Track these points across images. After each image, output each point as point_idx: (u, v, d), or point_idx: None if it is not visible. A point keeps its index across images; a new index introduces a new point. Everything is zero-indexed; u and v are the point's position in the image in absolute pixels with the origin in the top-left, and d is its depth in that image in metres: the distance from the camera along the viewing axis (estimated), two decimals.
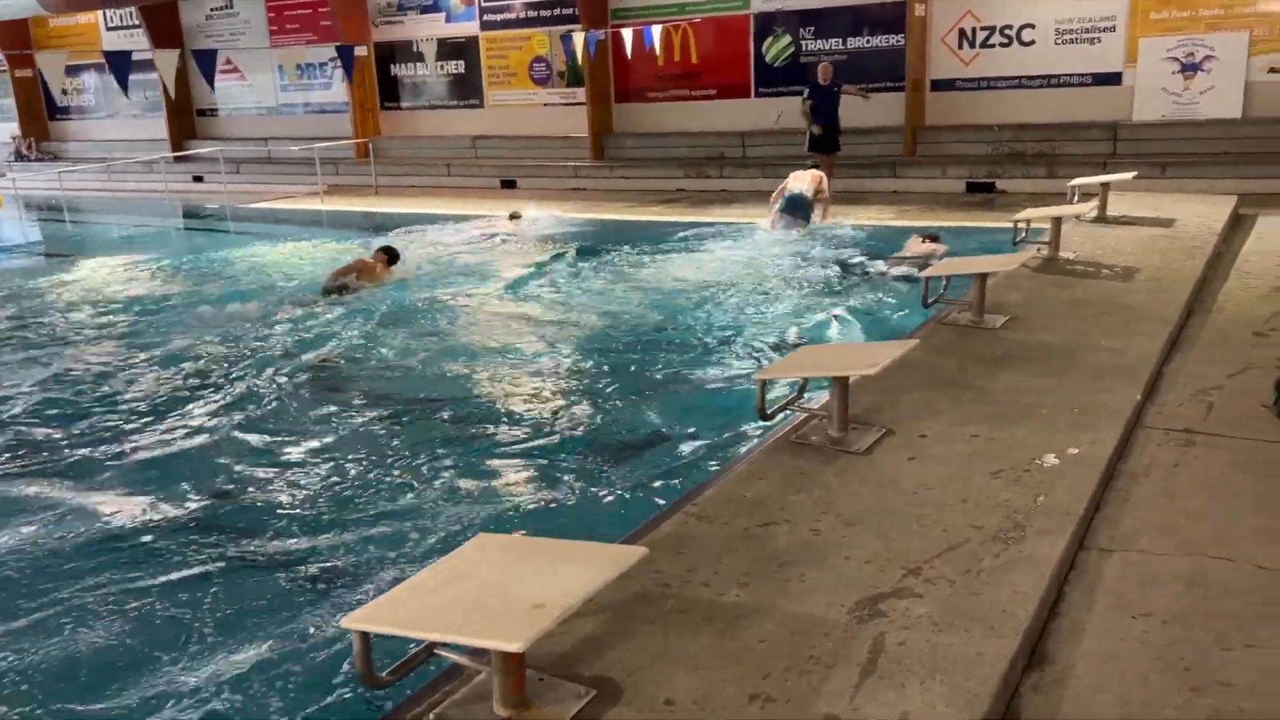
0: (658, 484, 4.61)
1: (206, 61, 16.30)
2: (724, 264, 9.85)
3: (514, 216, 12.70)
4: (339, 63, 18.36)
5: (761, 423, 4.39)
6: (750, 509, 3.55)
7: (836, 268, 9.38)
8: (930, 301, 5.96)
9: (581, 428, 5.65)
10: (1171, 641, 2.83)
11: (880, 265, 9.16)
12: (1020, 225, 7.81)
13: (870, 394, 4.57)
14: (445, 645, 2.44)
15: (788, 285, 8.78)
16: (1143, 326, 5.64)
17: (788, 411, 4.33)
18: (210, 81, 16.97)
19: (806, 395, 4.36)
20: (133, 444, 5.80)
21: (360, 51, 18.16)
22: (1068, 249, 7.65)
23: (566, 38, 15.08)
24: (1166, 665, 2.73)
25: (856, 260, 9.69)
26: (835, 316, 7.65)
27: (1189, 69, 12.43)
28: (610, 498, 4.58)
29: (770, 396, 4.26)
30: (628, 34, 14.46)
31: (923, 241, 9.51)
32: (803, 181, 10.78)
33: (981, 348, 5.39)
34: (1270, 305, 6.28)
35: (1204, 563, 3.22)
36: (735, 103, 15.67)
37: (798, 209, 10.64)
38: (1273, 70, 12.00)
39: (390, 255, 9.93)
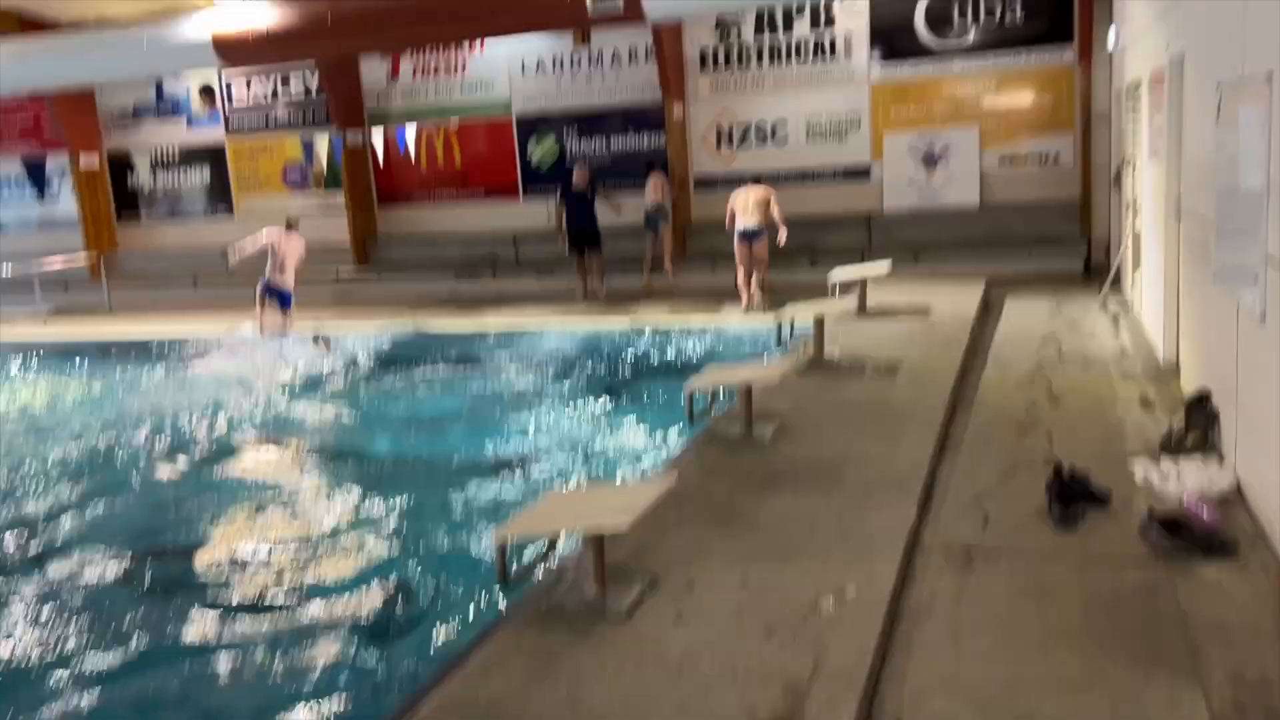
0: (379, 682, 3.84)
1: None
2: (491, 377, 9.25)
3: (318, 340, 11.58)
4: (66, 173, 16.83)
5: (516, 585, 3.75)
6: (485, 717, 2.88)
7: (612, 377, 8.99)
8: (697, 416, 5.57)
9: (303, 603, 4.76)
10: None
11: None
12: (784, 323, 7.65)
13: (634, 532, 4.04)
14: None
15: (558, 398, 8.27)
16: (909, 429, 5.44)
17: (544, 565, 3.74)
18: None
19: (557, 550, 3.78)
20: None
21: (89, 161, 16.64)
22: (832, 345, 7.54)
23: (309, 143, 14.38)
24: None
25: (635, 364, 9.35)
26: (608, 434, 7.17)
27: (930, 161, 13.10)
28: (316, 710, 3.77)
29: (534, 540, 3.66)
30: (378, 137, 13.85)
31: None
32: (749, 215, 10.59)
33: (751, 465, 5.01)
34: (1027, 394, 6.29)
35: None
36: (504, 204, 15.30)
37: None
38: (1003, 161, 12.81)
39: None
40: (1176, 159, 6.46)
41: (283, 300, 12.19)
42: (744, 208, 10.64)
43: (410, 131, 13.91)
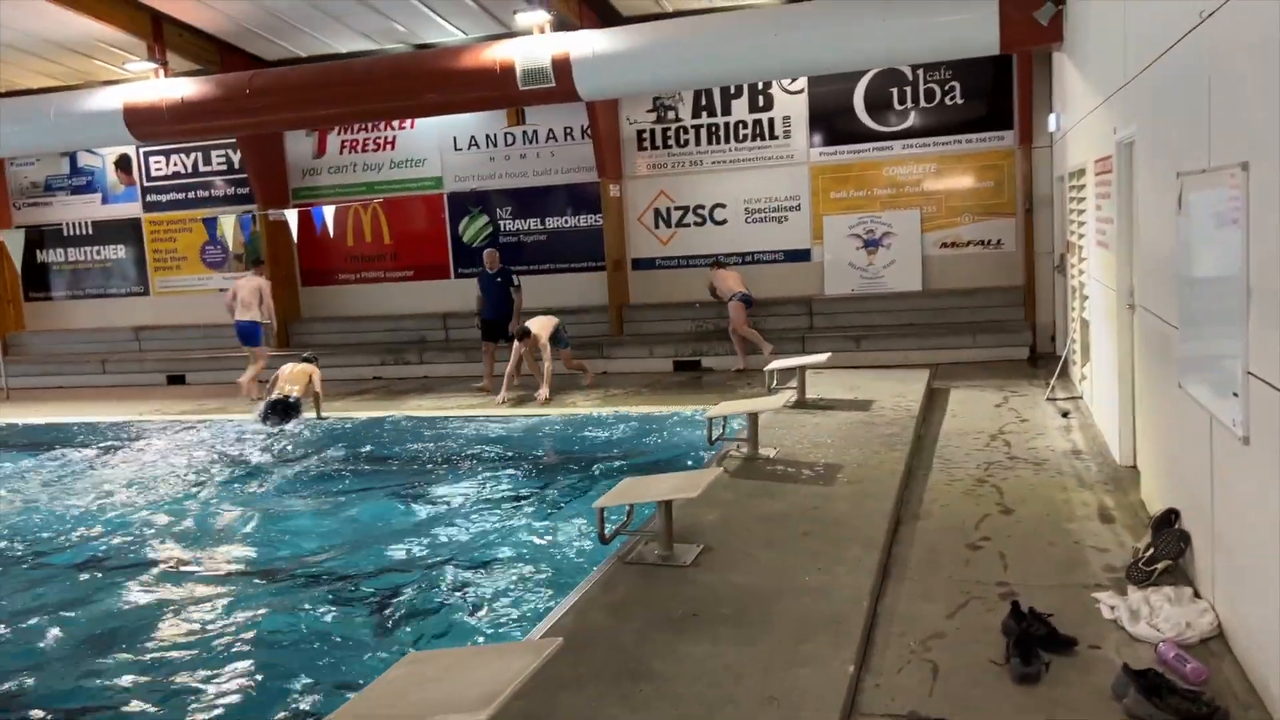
0: None
1: None
2: (390, 475, 8.50)
3: None
4: None
5: None
6: None
7: (525, 477, 8.28)
8: (610, 536, 4.91)
9: None
10: None
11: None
12: (716, 420, 7.05)
13: (520, 699, 3.33)
14: None
15: (457, 506, 7.54)
16: (849, 549, 4.82)
17: None
18: None
19: None
20: None
21: None
22: (767, 444, 6.96)
23: (211, 221, 13.84)
24: None
25: (554, 461, 8.65)
26: (509, 554, 6.44)
27: (871, 245, 12.77)
28: None
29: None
30: (293, 215, 13.20)
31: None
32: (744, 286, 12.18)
33: (667, 599, 4.34)
34: (977, 505, 5.73)
35: None
36: (434, 284, 14.69)
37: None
38: (944, 245, 12.53)
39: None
40: (1128, 248, 6.05)
41: (248, 337, 12.39)
42: (735, 281, 12.18)
43: (328, 211, 13.24)
